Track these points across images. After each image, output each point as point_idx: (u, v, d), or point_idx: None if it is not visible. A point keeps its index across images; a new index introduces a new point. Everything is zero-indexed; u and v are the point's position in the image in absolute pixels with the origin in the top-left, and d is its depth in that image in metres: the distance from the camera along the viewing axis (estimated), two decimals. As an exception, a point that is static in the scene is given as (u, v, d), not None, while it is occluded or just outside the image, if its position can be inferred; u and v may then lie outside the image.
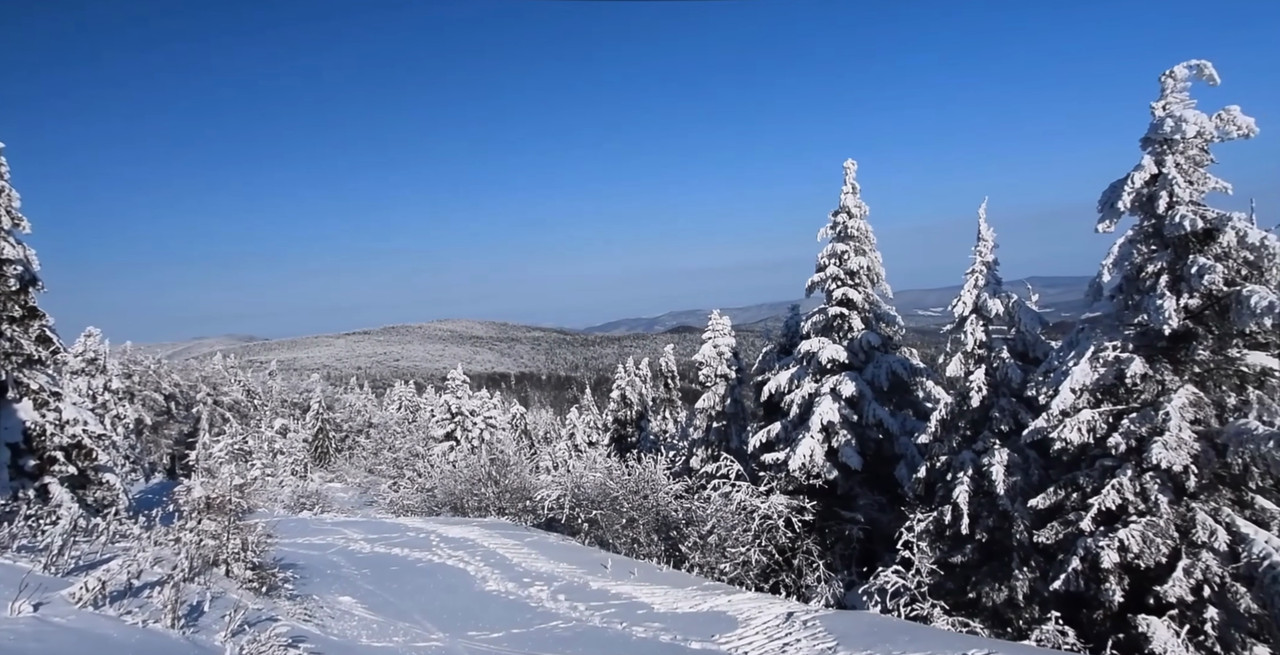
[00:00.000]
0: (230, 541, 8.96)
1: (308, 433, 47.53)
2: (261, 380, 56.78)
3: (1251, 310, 9.14)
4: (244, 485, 9.30)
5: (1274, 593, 8.78)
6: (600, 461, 17.82)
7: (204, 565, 8.35)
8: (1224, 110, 9.84)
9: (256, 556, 9.45)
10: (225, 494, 8.92)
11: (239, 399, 49.56)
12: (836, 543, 15.90)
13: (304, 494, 28.62)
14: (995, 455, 12.18)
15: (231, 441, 26.02)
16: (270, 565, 10.03)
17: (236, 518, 9.24)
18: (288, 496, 28.74)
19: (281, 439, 41.69)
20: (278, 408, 52.66)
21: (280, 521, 17.25)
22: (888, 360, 16.48)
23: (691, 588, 12.19)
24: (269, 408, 51.51)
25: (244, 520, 9.50)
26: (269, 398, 53.44)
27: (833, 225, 16.90)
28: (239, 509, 9.26)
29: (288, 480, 34.39)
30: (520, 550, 14.98)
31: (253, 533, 9.44)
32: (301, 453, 42.89)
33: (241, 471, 9.59)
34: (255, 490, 10.42)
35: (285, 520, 20.25)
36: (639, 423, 36.01)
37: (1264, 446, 8.98)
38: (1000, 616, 11.96)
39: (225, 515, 8.99)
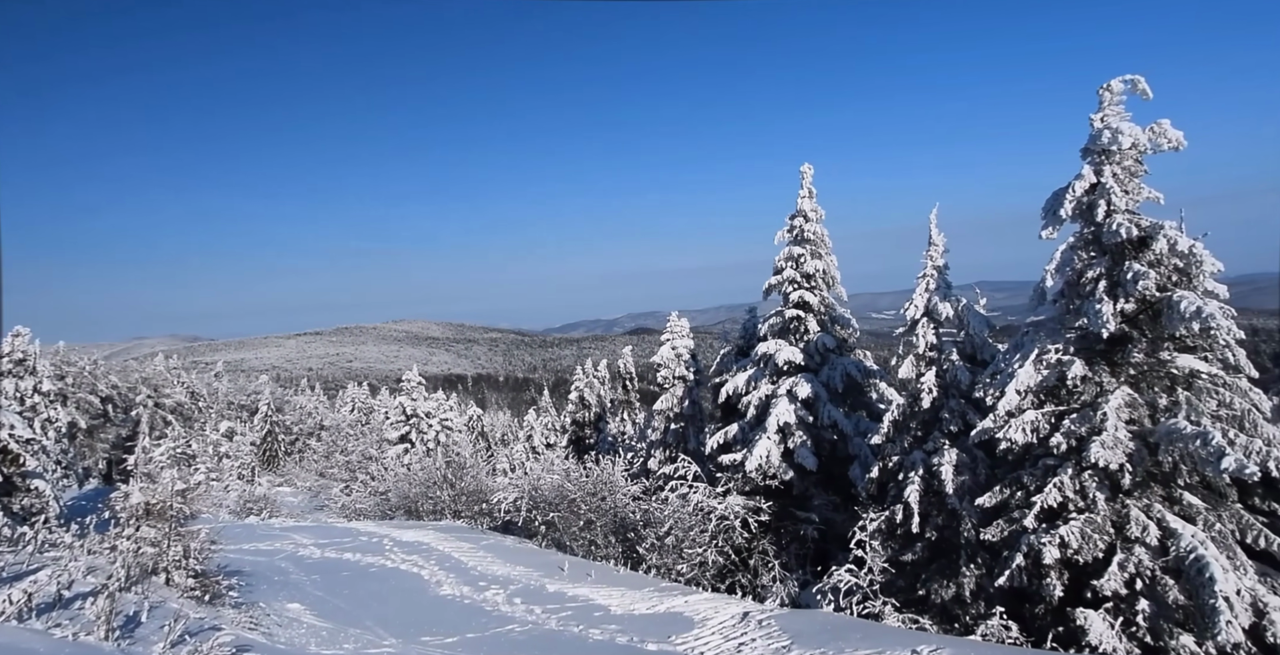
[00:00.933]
0: (171, 549, 8.63)
1: (256, 436, 46.13)
2: (207, 382, 54.92)
3: (1181, 315, 9.58)
4: (187, 490, 8.96)
5: (1199, 584, 9.19)
6: (558, 463, 17.72)
7: (142, 574, 8.03)
8: (1156, 124, 10.31)
9: (199, 564, 9.13)
10: (166, 499, 8.59)
11: (182, 401, 47.84)
12: (792, 542, 16.10)
13: (251, 499, 27.77)
14: (945, 455, 12.49)
15: (174, 445, 25.10)
16: (214, 572, 9.70)
17: (178, 524, 8.90)
18: (234, 501, 27.86)
19: (228, 442, 40.37)
20: (224, 410, 51.00)
21: (225, 527, 16.69)
22: (842, 362, 16.77)
23: (649, 589, 12.20)
24: (215, 410, 49.85)
25: (186, 526, 9.16)
26: (215, 400, 51.72)
27: (789, 229, 17.13)
28: (181, 515, 8.93)
29: (234, 484, 33.32)
30: (476, 554, 14.79)
31: (196, 539, 9.12)
32: (249, 456, 41.59)
33: (184, 476, 9.25)
34: (199, 495, 10.06)
35: (231, 526, 19.62)
36: (597, 424, 35.93)
37: (1191, 445, 9.41)
38: (948, 612, 12.26)
39: (166, 521, 8.66)
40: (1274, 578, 9.83)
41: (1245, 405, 9.84)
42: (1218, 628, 8.92)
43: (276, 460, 46.53)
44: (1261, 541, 9.71)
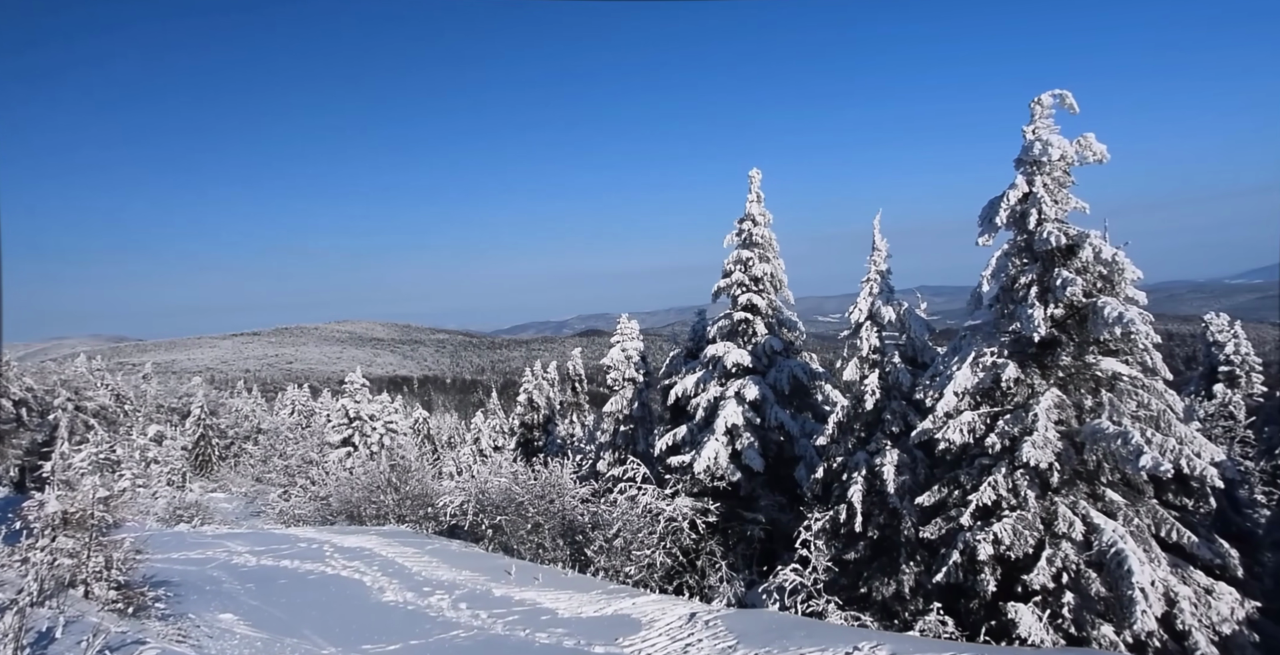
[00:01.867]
0: (91, 559, 8.19)
1: (187, 440, 44.24)
2: (134, 384, 52.37)
3: (1105, 320, 10.06)
4: (110, 497, 8.52)
5: (1118, 577, 9.66)
6: (506, 466, 17.52)
7: (58, 587, 7.59)
8: (1082, 137, 10.83)
9: (123, 575, 8.69)
10: (87, 507, 8.15)
11: (106, 404, 45.47)
12: (739, 543, 16.27)
13: (181, 505, 26.59)
14: (887, 456, 12.82)
15: (96, 450, 23.83)
16: (139, 584, 9.24)
17: (100, 533, 8.45)
18: (162, 509, 26.63)
19: (156, 447, 38.60)
20: (152, 413, 48.72)
21: (153, 536, 15.94)
22: (789, 365, 17.05)
23: (596, 591, 12.15)
24: (142, 413, 47.59)
25: (109, 536, 8.71)
26: (142, 403, 49.36)
27: (738, 232, 17.35)
28: (103, 524, 8.48)
29: (163, 491, 31.86)
30: (420, 559, 14.49)
31: (119, 549, 8.67)
32: (180, 461, 39.86)
33: (107, 483, 8.80)
34: (124, 503, 9.58)
35: (159, 534, 18.76)
36: (546, 427, 35.66)
37: (1113, 444, 9.89)
38: (888, 609, 12.58)
39: (86, 531, 8.21)
40: (1184, 569, 10.39)
41: (1161, 406, 10.38)
42: (1134, 617, 9.38)
43: (210, 465, 44.70)
44: (1174, 535, 10.25)
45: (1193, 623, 9.76)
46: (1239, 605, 10.03)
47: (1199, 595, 10.05)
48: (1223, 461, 10.11)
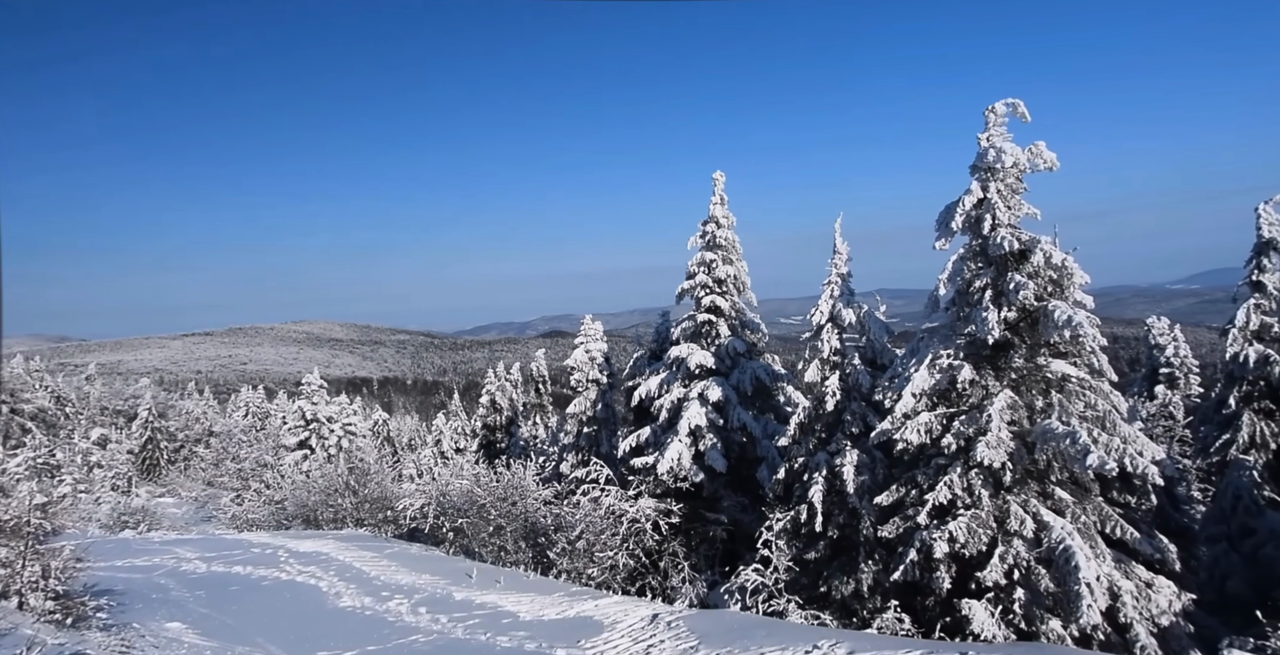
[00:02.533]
0: (27, 569, 7.84)
1: (134, 443, 42.70)
2: (76, 385, 50.39)
3: (1055, 323, 10.38)
4: (48, 504, 8.17)
5: (1066, 572, 9.97)
6: (468, 468, 17.32)
7: (-8, 597, 7.26)
8: (1034, 145, 11.17)
9: (61, 584, 8.33)
10: (22, 515, 7.80)
11: (45, 407, 43.68)
12: (701, 544, 16.35)
13: (127, 511, 25.68)
14: (847, 456, 13.02)
15: (34, 455, 22.82)
16: (79, 593, 8.88)
17: (36, 541, 8.10)
18: (106, 515, 25.68)
19: (100, 451, 37.20)
20: (96, 416, 46.95)
21: (95, 543, 15.33)
22: (752, 366, 17.20)
23: (559, 594, 12.09)
24: (85, 416, 45.82)
25: (47, 544, 8.35)
26: (85, 405, 47.53)
27: (702, 234, 17.45)
28: (40, 531, 8.13)
29: (106, 496, 30.72)
30: (379, 563, 14.24)
31: (58, 557, 8.32)
32: (125, 465, 38.44)
33: (45, 488, 8.44)
34: (63, 509, 9.20)
35: (102, 541, 18.07)
36: (509, 428, 35.35)
37: (1062, 444, 10.20)
38: (847, 608, 12.77)
39: (20, 539, 7.86)
40: (1126, 564, 10.78)
41: (1107, 406, 10.75)
42: (1081, 612, 9.70)
43: (158, 469, 43.24)
44: (1118, 531, 10.63)
45: (1134, 616, 10.13)
46: (1176, 598, 10.43)
47: (1140, 589, 10.43)
48: (1163, 460, 10.52)
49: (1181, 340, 26.41)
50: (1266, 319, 16.87)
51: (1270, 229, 16.67)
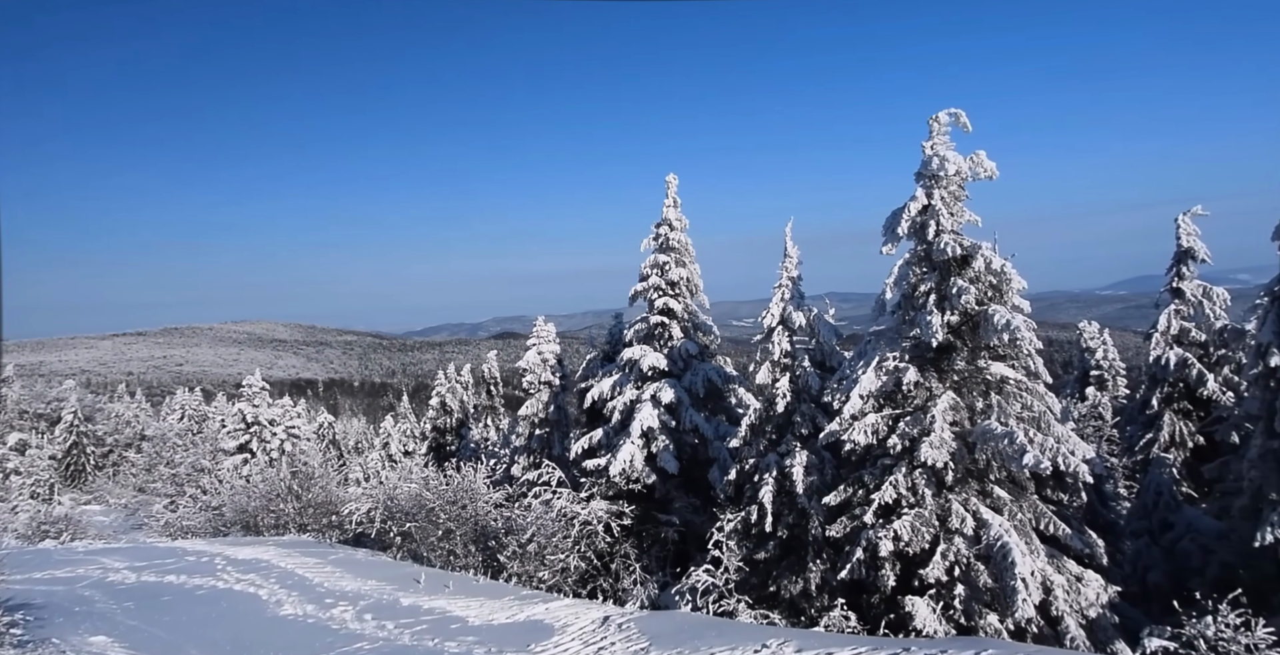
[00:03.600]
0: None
1: (57, 449, 40.60)
2: (-7, 387, 47.65)
3: (995, 327, 10.77)
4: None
5: (1003, 568, 10.34)
6: (416, 471, 17.00)
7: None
8: (975, 154, 11.58)
9: (-26, 598, 7.84)
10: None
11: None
12: (653, 545, 16.40)
13: (48, 520, 24.35)
14: (796, 457, 13.23)
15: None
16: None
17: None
18: (24, 524, 24.32)
19: (18, 457, 35.27)
20: (14, 420, 44.45)
21: (11, 554, 14.54)
22: (704, 368, 17.35)
23: (509, 598, 11.97)
24: (1, 420, 43.35)
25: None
26: (1, 408, 44.97)
27: (655, 237, 17.53)
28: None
29: (25, 504, 29.11)
30: (323, 569, 13.85)
31: (-30, 570, 7.81)
32: (47, 472, 36.50)
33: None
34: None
35: (19, 552, 17.12)
36: (459, 431, 34.85)
37: (1000, 444, 10.59)
38: (796, 607, 12.98)
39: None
40: (1059, 559, 11.23)
41: (1042, 408, 11.20)
42: (1016, 606, 10.07)
43: (84, 476, 41.19)
44: (1051, 528, 11.07)
45: (1065, 608, 10.56)
46: (1103, 590, 10.92)
47: (1071, 583, 10.88)
48: (1092, 459, 11.00)
49: (1110, 344, 27.70)
50: (1185, 324, 17.83)
51: (1188, 239, 17.62)
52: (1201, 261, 17.70)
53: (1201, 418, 17.62)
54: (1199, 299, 17.55)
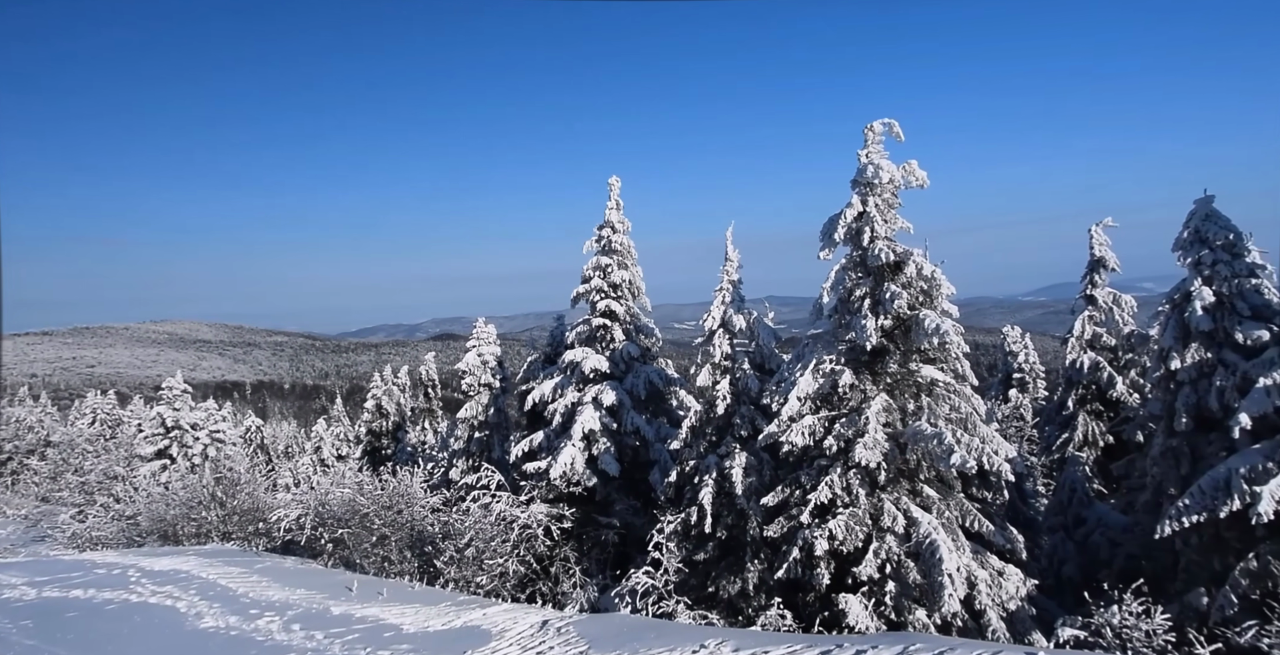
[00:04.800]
0: None
1: (-49, 456, 37.69)
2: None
3: (926, 331, 11.17)
4: None
5: (931, 565, 10.73)
6: (350, 476, 16.50)
7: None
8: (907, 163, 12.00)
9: None
10: None
11: None
12: (593, 548, 16.35)
13: (-64, 534, 22.57)
14: (736, 459, 13.41)
15: None
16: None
17: None
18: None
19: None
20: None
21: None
22: (646, 370, 17.42)
23: (445, 604, 11.73)
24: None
25: None
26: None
27: (598, 239, 17.52)
28: None
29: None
30: (248, 579, 13.28)
31: None
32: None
33: None
34: None
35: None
36: (396, 434, 34.00)
37: (930, 444, 10.98)
38: (734, 606, 13.14)
39: None
40: (982, 554, 11.72)
41: (969, 409, 11.67)
42: (943, 601, 10.45)
43: (-19, 484, 38.37)
44: (976, 525, 11.55)
45: (988, 602, 11.02)
46: (1022, 584, 11.44)
47: (993, 577, 11.36)
48: (1014, 458, 11.52)
49: (1031, 348, 29.10)
50: (1097, 329, 18.89)
51: (1100, 249, 18.69)
52: (1112, 270, 18.79)
53: (1111, 418, 18.69)
54: (1110, 306, 18.62)
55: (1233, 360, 11.37)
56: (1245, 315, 11.42)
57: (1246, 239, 11.66)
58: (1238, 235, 11.66)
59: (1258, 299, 11.47)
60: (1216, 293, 11.49)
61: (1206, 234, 11.77)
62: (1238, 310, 11.46)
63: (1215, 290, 11.50)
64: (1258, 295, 11.47)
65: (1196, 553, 11.11)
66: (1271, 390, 9.67)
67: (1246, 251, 11.63)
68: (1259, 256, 11.63)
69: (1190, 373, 11.78)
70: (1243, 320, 11.37)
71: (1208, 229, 11.77)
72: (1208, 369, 11.65)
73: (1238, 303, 11.46)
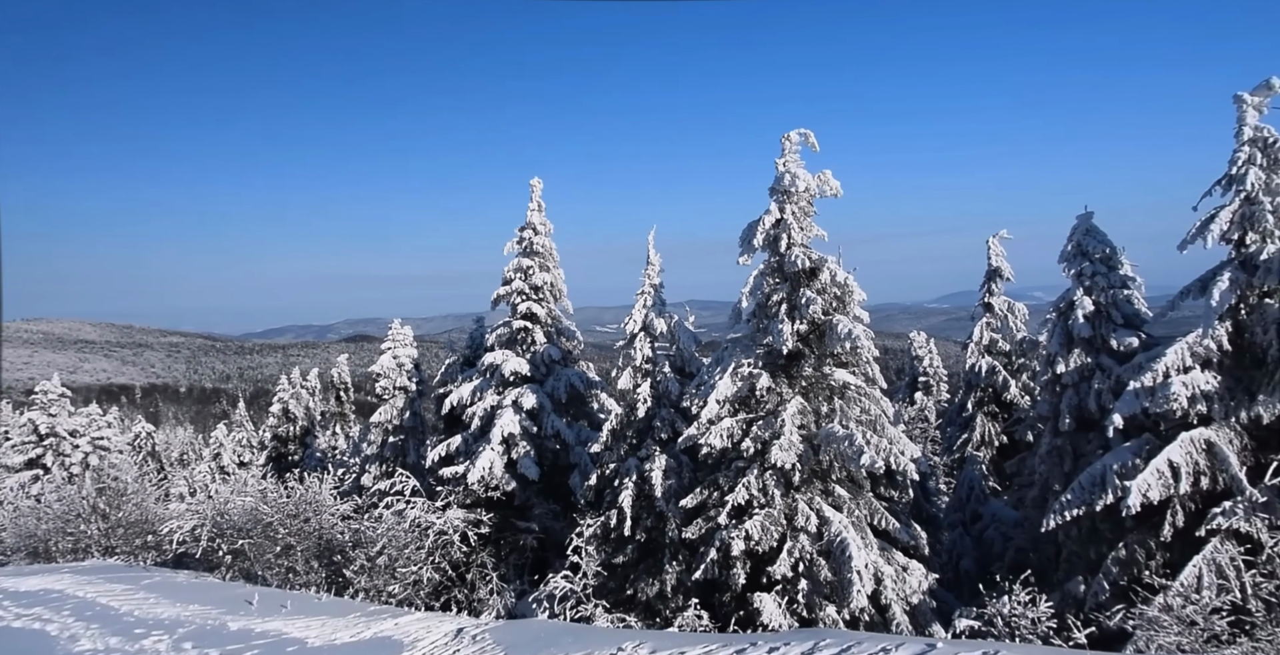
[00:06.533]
0: None
1: None
2: None
3: (839, 336, 11.59)
4: None
5: (841, 562, 11.12)
6: (253, 483, 15.67)
7: None
8: (822, 173, 12.45)
9: None
10: None
11: None
12: (511, 553, 16.11)
13: None
14: (656, 461, 13.51)
15: None
16: None
17: None
18: None
19: None
20: None
21: None
22: (567, 373, 17.32)
23: (355, 615, 11.27)
24: None
25: None
26: None
27: (519, 241, 17.32)
28: None
29: None
30: (133, 596, 12.36)
31: None
32: None
33: None
34: None
35: None
36: (304, 439, 32.47)
37: (842, 445, 11.39)
38: (652, 608, 13.21)
39: None
40: (889, 551, 12.24)
41: (878, 411, 12.18)
42: (852, 597, 10.86)
43: None
44: (883, 523, 12.06)
45: (893, 597, 11.52)
46: (925, 578, 12.02)
47: (898, 573, 11.88)
48: (919, 458, 12.09)
49: (935, 353, 30.69)
50: (994, 335, 20.12)
51: (997, 259, 19.94)
52: (1007, 280, 20.07)
53: (1006, 419, 19.93)
54: (1005, 313, 19.87)
55: (1109, 365, 12.34)
56: (1119, 323, 12.43)
57: (1120, 253, 12.69)
58: (1113, 249, 12.68)
59: (1129, 308, 12.51)
60: (1095, 302, 12.44)
61: (1087, 247, 12.73)
62: (1113, 319, 12.46)
63: (1094, 300, 12.45)
64: (1129, 305, 12.52)
65: (1076, 544, 11.97)
66: (1140, 393, 10.53)
67: (1120, 264, 12.67)
68: (1130, 269, 12.69)
69: (1073, 376, 12.71)
70: (1117, 328, 12.37)
71: (1088, 243, 12.74)
72: (1088, 373, 12.59)
73: (1113, 312, 12.46)
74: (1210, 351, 10.16)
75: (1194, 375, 10.16)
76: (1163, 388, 10.16)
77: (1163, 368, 10.23)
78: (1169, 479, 9.96)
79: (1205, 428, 10.11)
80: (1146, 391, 10.41)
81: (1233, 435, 10.09)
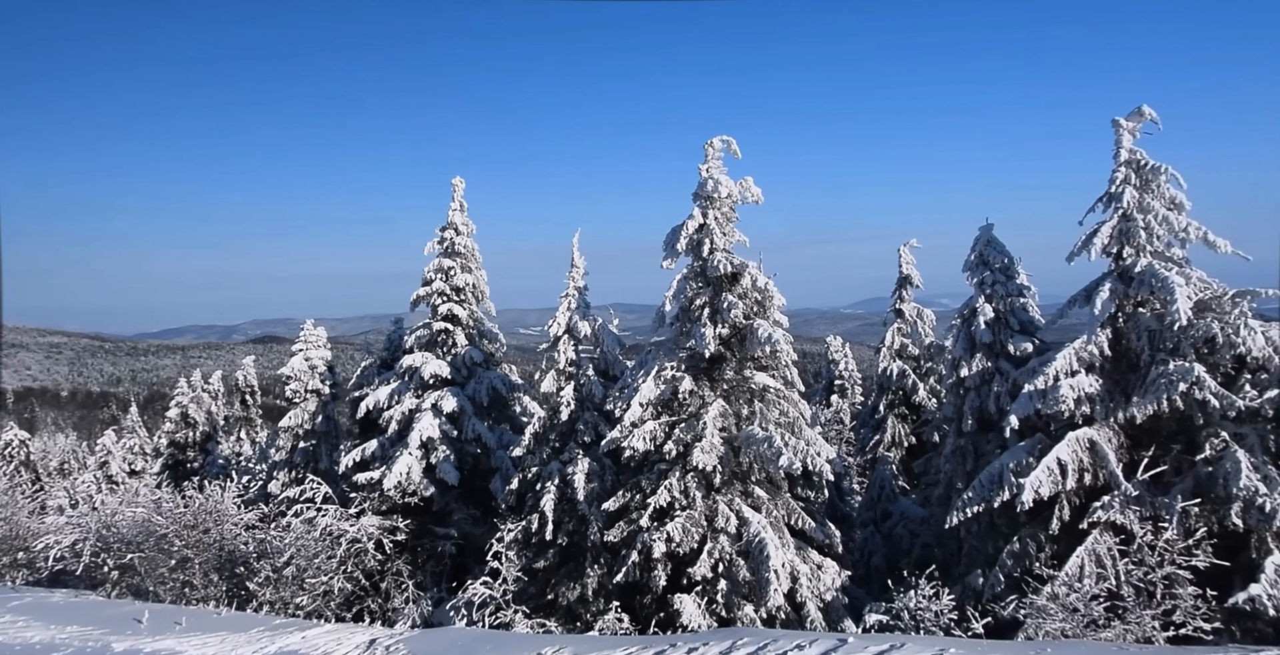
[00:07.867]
0: None
1: None
2: None
3: (759, 340, 11.86)
4: None
5: (759, 562, 11.37)
6: (145, 493, 14.63)
7: None
8: (744, 180, 12.74)
9: None
10: None
11: None
12: (428, 560, 15.67)
13: None
14: (579, 464, 13.43)
15: None
16: None
17: None
18: None
19: None
20: None
21: None
22: (489, 376, 17.02)
23: (258, 629, 10.67)
24: None
25: None
26: None
27: (440, 241, 16.93)
28: None
29: None
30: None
31: None
32: None
33: None
34: None
35: None
36: (205, 445, 30.61)
37: (761, 447, 11.65)
38: (573, 613, 13.12)
39: None
40: (805, 550, 12.59)
41: (796, 414, 12.53)
42: (769, 596, 11.11)
43: None
44: (800, 522, 12.40)
45: (808, 595, 11.85)
46: (838, 576, 12.42)
47: (813, 571, 12.24)
48: (834, 459, 12.52)
49: (850, 357, 31.85)
50: (904, 340, 21.06)
51: (907, 267, 20.89)
52: (916, 287, 21.04)
53: (915, 421, 20.87)
54: (915, 319, 20.83)
55: (1007, 369, 13.13)
56: (1016, 330, 13.25)
57: (1017, 263, 13.54)
58: (1011, 259, 13.51)
59: (1025, 315, 13.36)
60: (995, 309, 13.22)
61: (988, 257, 13.51)
62: (1010, 325, 13.26)
63: (995, 307, 13.23)
64: (1025, 312, 13.37)
65: (976, 539, 12.65)
66: (1034, 395, 11.24)
67: (1018, 274, 13.51)
68: (1026, 278, 13.55)
69: (975, 380, 13.45)
70: (1014, 334, 13.17)
71: (989, 253, 13.52)
72: (989, 376, 13.35)
73: (1011, 318, 13.27)
74: (1093, 356, 10.95)
75: (1079, 378, 10.91)
76: (1053, 390, 10.87)
77: (1053, 372, 10.94)
78: (1058, 476, 10.65)
79: (1089, 427, 10.87)
80: (1039, 394, 11.11)
81: (1112, 434, 10.89)
